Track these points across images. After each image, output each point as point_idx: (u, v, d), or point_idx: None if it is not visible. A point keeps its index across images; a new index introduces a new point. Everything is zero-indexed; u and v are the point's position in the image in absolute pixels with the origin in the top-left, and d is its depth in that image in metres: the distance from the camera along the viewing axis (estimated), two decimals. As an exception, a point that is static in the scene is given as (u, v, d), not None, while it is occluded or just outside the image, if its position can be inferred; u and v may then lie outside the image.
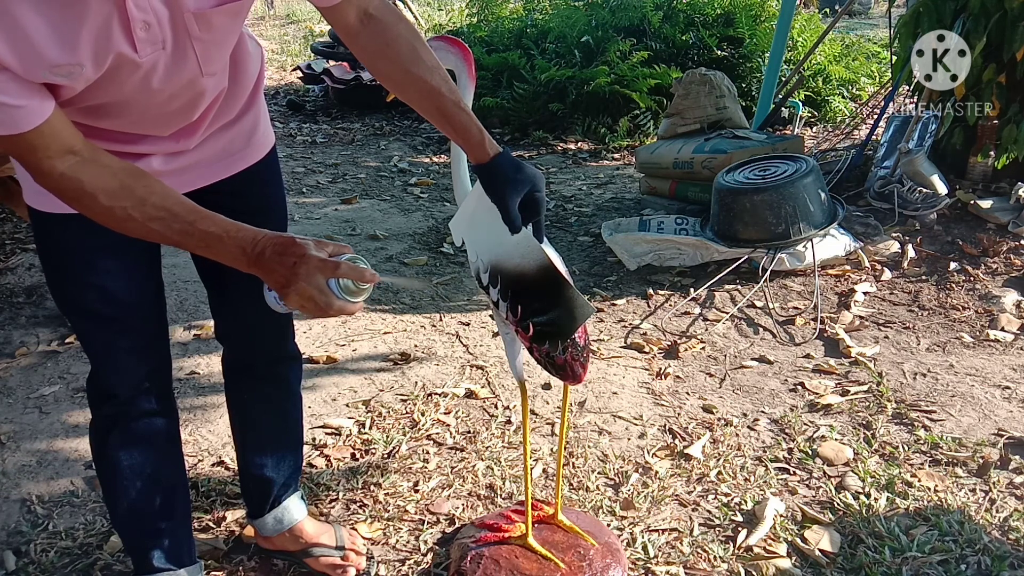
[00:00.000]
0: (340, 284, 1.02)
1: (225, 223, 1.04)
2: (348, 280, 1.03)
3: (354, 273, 1.02)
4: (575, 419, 2.18)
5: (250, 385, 1.55)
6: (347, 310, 1.03)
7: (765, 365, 2.45)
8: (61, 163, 0.98)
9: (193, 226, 1.02)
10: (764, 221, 2.91)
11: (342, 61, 6.37)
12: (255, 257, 1.02)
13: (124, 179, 1.01)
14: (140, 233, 1.03)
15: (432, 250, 3.47)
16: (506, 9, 6.91)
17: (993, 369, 2.34)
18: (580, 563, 1.55)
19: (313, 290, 1.00)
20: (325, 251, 1.03)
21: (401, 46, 1.19)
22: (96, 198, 0.99)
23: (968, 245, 2.99)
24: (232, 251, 1.03)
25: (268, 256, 1.01)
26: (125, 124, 1.13)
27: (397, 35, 1.19)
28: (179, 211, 1.02)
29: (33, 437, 2.13)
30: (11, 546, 1.74)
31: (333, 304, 1.01)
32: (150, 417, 1.38)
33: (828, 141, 4.78)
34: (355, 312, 1.05)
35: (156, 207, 1.01)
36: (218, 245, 1.03)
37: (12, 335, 2.69)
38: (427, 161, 5.00)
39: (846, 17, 9.53)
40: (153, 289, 1.35)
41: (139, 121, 1.13)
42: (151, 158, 1.20)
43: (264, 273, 1.03)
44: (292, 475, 1.63)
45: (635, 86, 5.06)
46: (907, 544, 1.66)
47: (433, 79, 1.20)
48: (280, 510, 1.62)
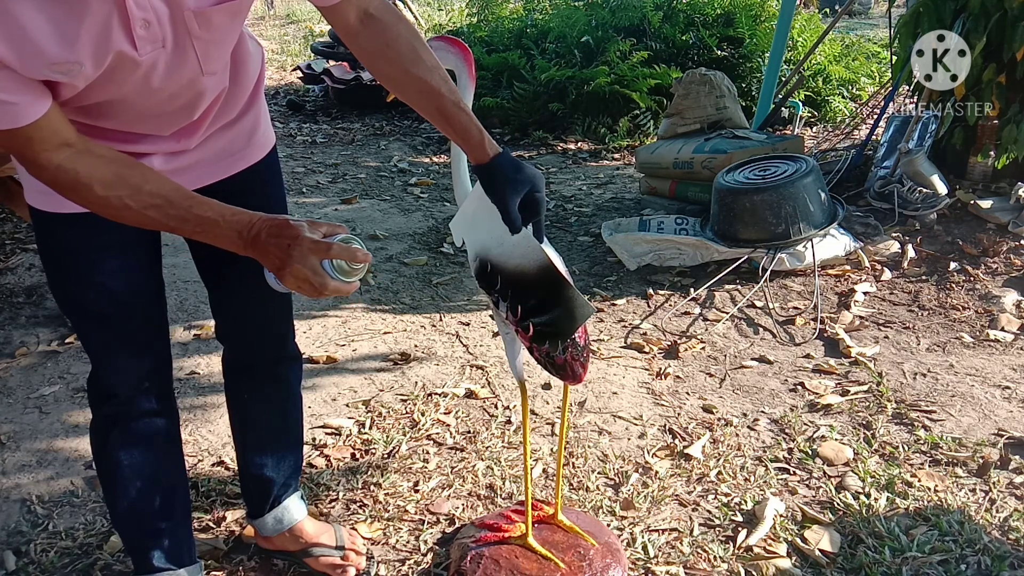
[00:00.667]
0: (334, 265, 1.04)
1: (221, 207, 1.05)
2: (342, 261, 1.04)
3: (346, 254, 1.03)
4: (575, 419, 2.18)
5: (250, 385, 1.55)
6: (342, 290, 1.05)
7: (765, 365, 2.45)
8: (57, 155, 0.99)
9: (189, 212, 1.03)
10: (764, 221, 2.91)
11: (342, 61, 6.37)
12: (251, 240, 1.04)
13: (119, 168, 1.02)
14: (136, 221, 1.04)
15: (432, 250, 3.47)
16: (506, 9, 6.91)
17: (993, 369, 2.34)
18: (580, 563, 1.55)
19: (308, 271, 1.02)
20: (319, 232, 1.05)
21: (401, 46, 1.19)
22: (92, 188, 1.00)
23: (968, 245, 2.99)
24: (228, 235, 1.05)
25: (263, 239, 1.03)
26: (125, 123, 1.13)
27: (397, 35, 1.19)
28: (175, 198, 1.03)
29: (33, 437, 2.13)
30: (11, 546, 1.74)
31: (328, 284, 1.03)
32: (150, 417, 1.38)
33: (828, 141, 4.78)
34: (350, 292, 1.07)
35: (152, 194, 1.02)
36: (214, 229, 1.05)
37: (12, 335, 2.69)
38: (427, 161, 5.00)
39: (846, 17, 9.53)
40: (154, 289, 1.35)
41: (139, 120, 1.13)
42: (152, 157, 1.20)
43: (260, 255, 1.04)
44: (292, 475, 1.63)
45: (635, 86, 5.06)
46: (907, 544, 1.66)
47: (433, 79, 1.20)
48: (280, 510, 1.61)
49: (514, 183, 1.20)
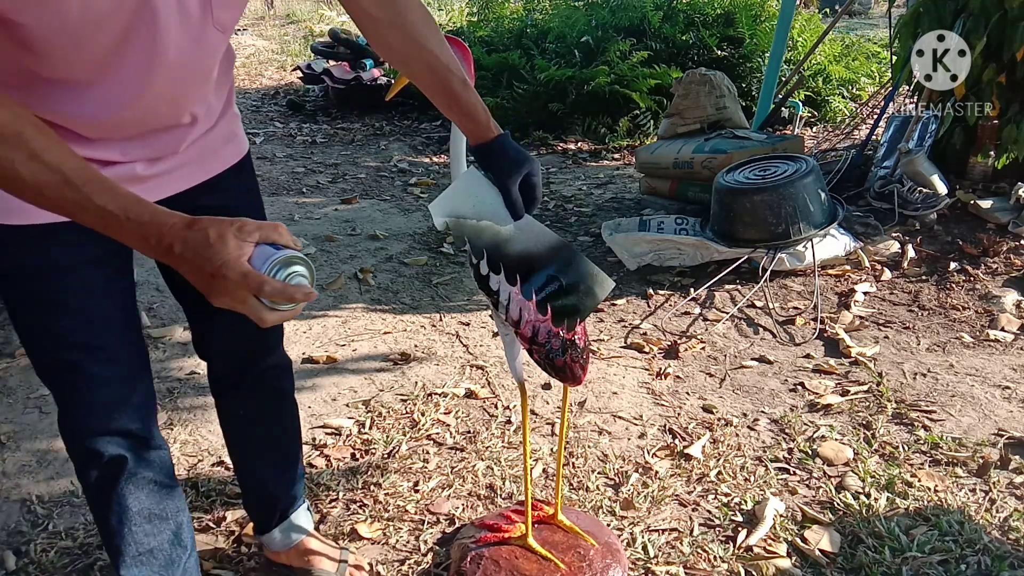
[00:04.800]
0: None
1: (127, 201, 0.87)
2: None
3: (281, 295, 0.87)
4: (575, 419, 2.18)
5: (244, 401, 1.47)
6: (285, 318, 0.91)
7: (765, 365, 2.45)
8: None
9: (89, 199, 0.86)
10: (764, 221, 2.91)
11: (342, 61, 6.38)
12: (163, 251, 0.87)
13: (22, 127, 0.84)
14: (26, 195, 0.87)
15: (432, 250, 3.47)
16: (506, 9, 6.91)
17: (993, 369, 2.34)
18: (580, 563, 1.55)
19: (238, 304, 0.87)
20: (249, 241, 0.87)
21: (413, 16, 1.16)
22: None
23: (968, 245, 2.99)
24: (132, 238, 0.88)
25: (178, 254, 0.86)
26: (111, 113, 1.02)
27: (408, 6, 1.16)
28: (76, 177, 0.86)
29: (33, 437, 2.13)
30: (11, 546, 1.74)
31: (266, 320, 0.89)
32: (160, 449, 1.27)
33: (828, 141, 4.78)
34: (295, 316, 0.92)
35: (50, 167, 0.84)
36: (116, 227, 0.87)
37: (12, 335, 2.68)
38: (427, 161, 5.00)
39: (846, 17, 9.53)
40: (134, 306, 1.24)
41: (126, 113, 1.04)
42: (134, 164, 1.11)
43: (179, 267, 0.88)
44: (296, 487, 1.60)
45: (635, 86, 5.07)
46: (907, 544, 1.66)
47: (443, 55, 1.18)
48: (287, 525, 1.59)
49: (515, 162, 1.20)
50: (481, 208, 1.25)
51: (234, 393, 1.47)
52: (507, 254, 1.27)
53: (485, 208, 1.24)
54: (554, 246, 1.27)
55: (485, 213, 1.25)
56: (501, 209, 1.24)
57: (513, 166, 1.20)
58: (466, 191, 1.26)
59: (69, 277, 1.10)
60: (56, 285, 1.10)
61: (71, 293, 1.11)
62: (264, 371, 1.46)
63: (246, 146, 1.34)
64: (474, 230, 1.27)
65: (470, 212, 1.25)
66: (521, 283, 1.27)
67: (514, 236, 1.27)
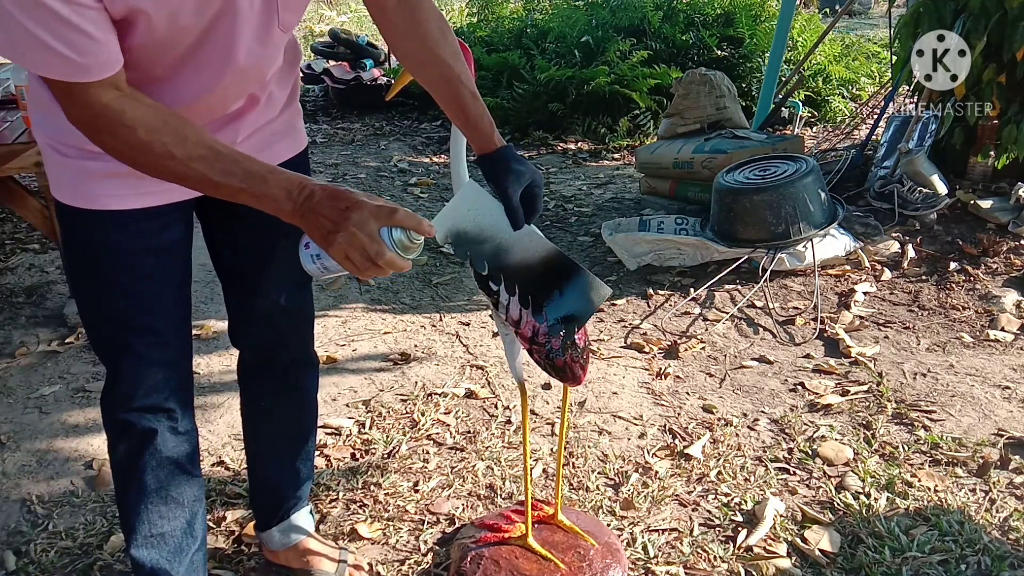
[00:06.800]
0: (393, 238, 0.95)
1: (269, 165, 0.99)
2: (402, 235, 0.96)
3: (411, 221, 0.95)
4: (575, 419, 2.18)
5: (268, 392, 1.50)
6: (397, 264, 0.95)
7: (765, 365, 2.45)
8: (107, 94, 0.94)
9: (237, 164, 0.97)
10: (764, 221, 2.91)
11: (342, 61, 6.38)
12: (301, 201, 0.95)
13: (166, 116, 0.97)
14: (179, 172, 0.98)
15: (432, 250, 3.47)
16: (506, 9, 6.91)
17: (993, 369, 2.34)
18: (580, 563, 1.55)
19: (364, 237, 0.93)
20: (377, 202, 0.97)
21: (431, 27, 1.21)
22: (135, 131, 0.95)
23: (968, 245, 2.99)
24: (275, 193, 0.96)
25: (317, 199, 0.95)
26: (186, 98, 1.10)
27: (428, 16, 1.21)
28: (222, 150, 0.97)
29: (33, 437, 2.13)
30: (11, 546, 1.74)
31: (384, 254, 0.94)
32: (189, 433, 1.33)
33: (828, 141, 4.78)
34: (405, 269, 0.98)
35: (198, 144, 0.96)
36: (261, 187, 0.96)
37: (12, 335, 2.69)
38: (427, 161, 5.00)
39: (846, 17, 9.53)
40: (188, 295, 1.30)
41: (201, 98, 1.11)
42: None
43: (310, 218, 0.95)
44: (303, 488, 1.61)
45: (635, 86, 5.06)
46: (907, 544, 1.66)
47: (456, 65, 1.22)
48: (287, 524, 1.60)
49: (517, 173, 1.22)
50: (481, 219, 1.26)
51: (259, 385, 1.51)
52: (506, 264, 1.30)
53: (486, 219, 1.26)
54: (550, 255, 1.28)
55: (485, 224, 1.26)
56: (502, 219, 1.25)
57: (515, 176, 1.22)
58: (466, 204, 1.28)
59: (130, 261, 1.18)
60: (117, 267, 1.18)
61: (130, 276, 1.18)
62: (291, 365, 1.50)
63: (304, 141, 1.38)
64: (475, 241, 1.29)
65: (471, 226, 1.28)
66: (534, 311, 1.30)
67: (512, 245, 1.29)
